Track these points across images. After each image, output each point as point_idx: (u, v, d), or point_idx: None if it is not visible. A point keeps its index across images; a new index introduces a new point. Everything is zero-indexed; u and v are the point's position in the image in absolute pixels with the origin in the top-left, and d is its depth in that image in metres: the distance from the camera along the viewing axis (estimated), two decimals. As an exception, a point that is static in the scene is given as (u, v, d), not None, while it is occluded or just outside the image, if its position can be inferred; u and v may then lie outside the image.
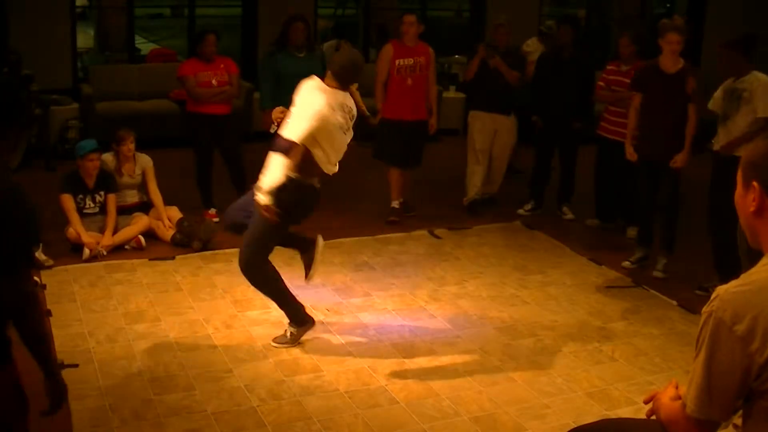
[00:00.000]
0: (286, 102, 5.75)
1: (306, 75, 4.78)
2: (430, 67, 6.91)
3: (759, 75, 5.23)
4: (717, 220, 5.41)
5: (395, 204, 7.02)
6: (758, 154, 1.93)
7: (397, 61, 6.75)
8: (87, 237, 5.82)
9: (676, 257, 6.00)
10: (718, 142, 5.41)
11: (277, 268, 5.75)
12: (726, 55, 5.28)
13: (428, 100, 6.94)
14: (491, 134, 7.20)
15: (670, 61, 5.65)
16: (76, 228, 5.83)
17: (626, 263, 6.09)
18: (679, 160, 5.63)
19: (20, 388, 2.42)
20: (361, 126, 6.77)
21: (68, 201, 5.92)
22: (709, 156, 5.57)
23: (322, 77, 5.20)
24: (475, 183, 7.25)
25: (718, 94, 5.43)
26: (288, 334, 4.65)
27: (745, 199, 1.95)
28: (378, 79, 6.85)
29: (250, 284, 4.68)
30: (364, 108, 6.62)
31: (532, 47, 8.24)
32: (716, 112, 5.42)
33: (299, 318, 4.67)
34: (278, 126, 4.71)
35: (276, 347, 4.61)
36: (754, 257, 1.99)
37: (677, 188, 5.80)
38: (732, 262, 5.29)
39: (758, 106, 5.17)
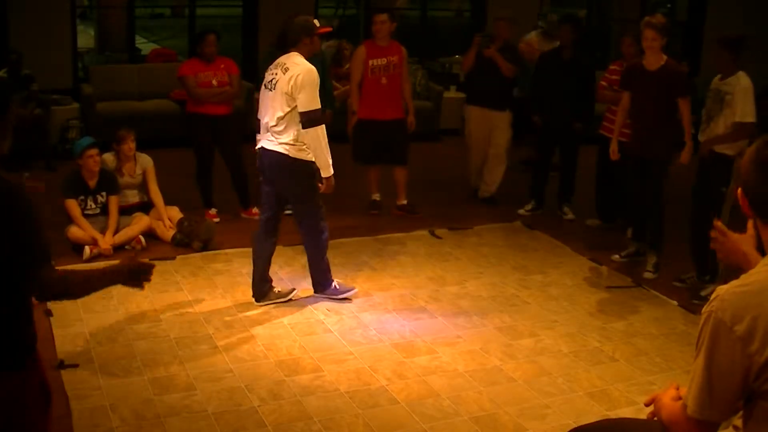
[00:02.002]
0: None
1: None
2: (404, 66, 6.94)
3: (743, 78, 5.26)
4: (698, 217, 5.50)
5: (376, 197, 7.16)
6: (743, 162, 1.95)
7: (370, 62, 6.77)
8: (104, 242, 5.84)
9: (677, 257, 5.99)
10: (703, 141, 5.46)
11: (277, 269, 5.78)
12: (718, 52, 5.32)
13: (404, 98, 6.98)
14: (486, 128, 7.36)
15: (650, 58, 5.67)
16: (93, 234, 5.84)
17: (616, 257, 6.16)
18: (682, 157, 5.64)
19: (45, 385, 2.43)
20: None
21: (74, 207, 5.91)
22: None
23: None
24: (476, 172, 7.59)
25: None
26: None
27: (743, 204, 1.97)
28: (353, 80, 6.91)
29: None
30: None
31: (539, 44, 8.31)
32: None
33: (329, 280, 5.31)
34: None
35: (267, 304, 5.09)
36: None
37: (660, 187, 5.79)
38: (708, 255, 5.40)
39: (737, 111, 5.22)
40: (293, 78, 4.77)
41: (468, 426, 3.91)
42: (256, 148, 5.05)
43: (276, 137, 4.87)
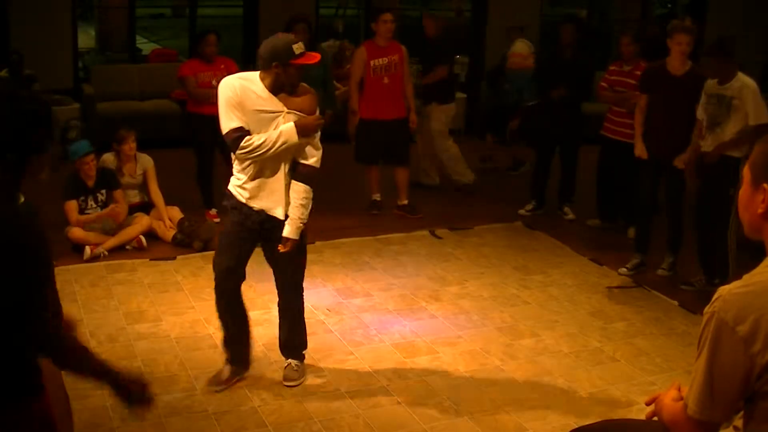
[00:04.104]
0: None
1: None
2: (405, 65, 6.96)
3: (745, 80, 5.21)
4: (704, 219, 5.51)
5: (376, 197, 7.17)
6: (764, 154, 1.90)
7: (371, 62, 6.79)
8: (103, 239, 5.88)
9: (682, 261, 5.94)
10: (707, 147, 5.40)
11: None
12: (714, 63, 5.29)
13: (406, 97, 7.00)
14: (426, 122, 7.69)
15: (677, 63, 5.61)
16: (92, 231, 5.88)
17: (623, 270, 5.99)
18: (678, 160, 5.60)
19: (49, 420, 2.27)
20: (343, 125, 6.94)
21: (73, 210, 5.94)
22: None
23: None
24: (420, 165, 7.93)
25: (702, 100, 5.40)
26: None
27: (753, 200, 1.91)
28: (353, 79, 6.95)
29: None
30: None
31: None
32: (701, 118, 5.41)
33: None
34: None
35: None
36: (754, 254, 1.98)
37: (682, 189, 5.77)
38: (717, 258, 5.42)
39: (750, 114, 5.16)
40: None
41: (468, 426, 3.91)
42: None
43: None
